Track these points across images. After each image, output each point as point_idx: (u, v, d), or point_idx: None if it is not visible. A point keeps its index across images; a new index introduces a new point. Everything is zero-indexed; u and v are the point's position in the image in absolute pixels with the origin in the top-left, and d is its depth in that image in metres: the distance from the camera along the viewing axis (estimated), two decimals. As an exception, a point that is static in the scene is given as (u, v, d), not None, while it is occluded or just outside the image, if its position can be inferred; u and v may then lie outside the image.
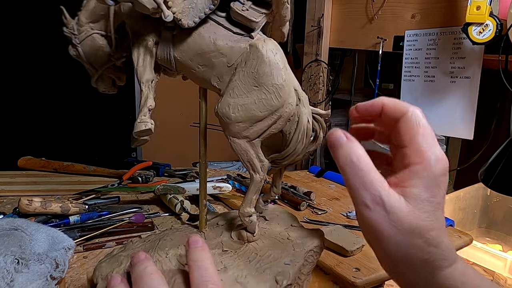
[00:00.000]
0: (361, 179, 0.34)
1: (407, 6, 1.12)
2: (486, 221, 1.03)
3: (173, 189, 0.73)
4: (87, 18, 0.43)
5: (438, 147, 0.34)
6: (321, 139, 0.42)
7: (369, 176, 0.34)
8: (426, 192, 0.33)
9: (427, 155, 0.33)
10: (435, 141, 0.34)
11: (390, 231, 0.33)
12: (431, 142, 0.34)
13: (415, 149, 0.34)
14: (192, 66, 0.38)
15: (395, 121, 0.36)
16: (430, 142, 0.34)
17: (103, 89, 0.47)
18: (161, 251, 0.39)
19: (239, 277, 0.36)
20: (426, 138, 0.34)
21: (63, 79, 1.32)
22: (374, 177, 0.34)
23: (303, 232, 0.45)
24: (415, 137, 0.34)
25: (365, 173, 0.34)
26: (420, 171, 0.33)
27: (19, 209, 0.62)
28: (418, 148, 0.34)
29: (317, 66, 1.38)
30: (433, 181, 0.33)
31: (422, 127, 0.34)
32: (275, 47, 0.37)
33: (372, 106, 0.38)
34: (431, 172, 0.33)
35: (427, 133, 0.34)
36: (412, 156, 0.34)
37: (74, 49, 0.44)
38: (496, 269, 0.72)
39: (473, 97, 1.02)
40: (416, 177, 0.33)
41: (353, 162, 0.34)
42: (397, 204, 0.33)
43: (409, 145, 0.34)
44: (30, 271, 0.41)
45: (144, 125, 0.36)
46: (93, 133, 1.52)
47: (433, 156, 0.33)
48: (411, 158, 0.34)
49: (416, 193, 0.33)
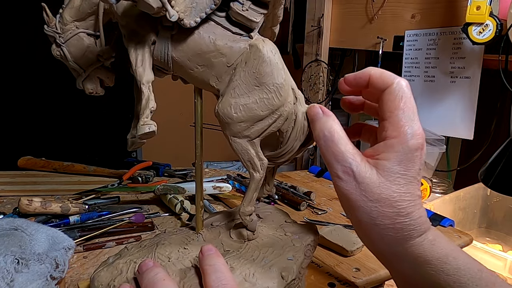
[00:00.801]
0: (333, 152, 0.35)
1: (407, 6, 1.13)
2: (486, 221, 1.03)
3: (173, 189, 0.73)
4: (72, 17, 0.42)
5: (417, 122, 0.34)
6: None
7: (340, 148, 0.35)
8: (399, 166, 0.34)
9: (404, 129, 0.34)
10: (415, 116, 0.34)
11: (361, 201, 0.34)
12: (411, 117, 0.34)
13: (393, 122, 0.34)
14: (190, 66, 0.38)
15: (381, 92, 0.36)
16: (409, 116, 0.34)
17: (90, 91, 0.45)
18: (162, 255, 0.39)
19: (247, 276, 0.36)
20: (406, 112, 0.34)
21: (63, 79, 1.32)
22: (345, 149, 0.35)
23: (298, 227, 0.46)
24: (395, 111, 0.34)
25: (336, 145, 0.35)
26: (395, 145, 0.34)
27: (19, 209, 0.62)
28: (396, 121, 0.34)
29: (317, 66, 1.38)
30: (408, 155, 0.34)
31: (404, 100, 0.34)
32: (273, 47, 0.38)
33: (360, 77, 0.38)
34: (406, 147, 0.33)
35: (408, 107, 0.34)
36: (389, 130, 0.34)
37: (58, 49, 0.42)
38: (496, 269, 0.72)
39: (473, 97, 1.02)
40: (390, 150, 0.34)
41: (326, 135, 0.36)
42: (367, 175, 0.34)
43: (389, 118, 0.35)
44: (30, 271, 0.41)
45: (148, 127, 0.36)
46: (93, 133, 1.52)
47: (409, 131, 0.34)
48: (388, 132, 0.35)
49: (388, 166, 0.34)
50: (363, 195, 0.34)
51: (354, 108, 0.42)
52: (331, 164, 0.36)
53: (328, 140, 0.36)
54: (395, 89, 0.35)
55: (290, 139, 0.40)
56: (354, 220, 0.37)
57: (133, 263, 0.38)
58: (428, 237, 0.35)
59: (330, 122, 0.36)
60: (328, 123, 0.36)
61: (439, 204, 0.89)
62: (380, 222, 0.34)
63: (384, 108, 0.35)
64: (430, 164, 1.04)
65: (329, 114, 0.37)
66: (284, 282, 0.37)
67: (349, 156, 0.35)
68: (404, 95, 0.34)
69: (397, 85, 0.35)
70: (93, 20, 0.43)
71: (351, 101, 0.42)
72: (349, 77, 0.39)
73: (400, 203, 0.34)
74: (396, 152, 0.34)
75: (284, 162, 0.43)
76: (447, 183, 1.08)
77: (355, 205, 0.35)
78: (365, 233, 0.37)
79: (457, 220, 0.89)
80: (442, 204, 0.90)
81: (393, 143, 0.34)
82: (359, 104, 0.42)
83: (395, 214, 0.34)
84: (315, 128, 0.37)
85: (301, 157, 1.46)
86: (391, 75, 0.35)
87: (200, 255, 0.36)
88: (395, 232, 0.34)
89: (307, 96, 1.42)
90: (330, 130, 0.36)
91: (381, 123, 0.36)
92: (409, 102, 0.34)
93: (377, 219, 0.34)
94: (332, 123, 0.36)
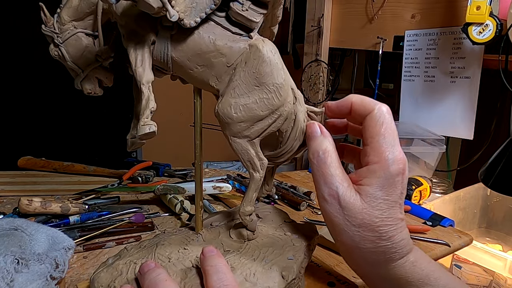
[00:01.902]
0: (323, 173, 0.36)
1: (407, 6, 1.13)
2: (486, 221, 1.03)
3: (173, 189, 0.73)
4: (70, 16, 0.42)
5: (398, 147, 0.35)
6: None
7: (331, 171, 0.36)
8: (381, 191, 0.34)
9: (385, 155, 0.34)
10: (396, 141, 0.35)
11: (344, 224, 0.35)
12: (391, 142, 0.35)
13: (374, 148, 0.35)
14: (190, 66, 0.38)
15: (363, 118, 0.37)
16: (390, 142, 0.35)
17: (88, 91, 0.45)
18: (162, 256, 0.39)
19: (247, 275, 0.36)
20: (387, 137, 0.35)
21: (63, 79, 1.32)
22: (335, 172, 0.36)
23: (297, 227, 0.46)
24: (376, 136, 0.35)
25: (328, 167, 0.36)
26: (377, 170, 0.35)
27: (19, 209, 0.62)
28: (377, 147, 0.35)
29: (317, 66, 1.38)
30: (389, 180, 0.34)
31: (385, 126, 0.35)
32: (273, 47, 0.38)
33: (342, 105, 0.39)
34: (387, 172, 0.34)
35: (389, 133, 0.35)
36: (371, 155, 0.35)
37: (56, 49, 0.42)
38: (496, 269, 0.72)
39: (473, 97, 1.02)
40: (372, 175, 0.35)
41: (319, 156, 0.36)
42: (351, 200, 0.35)
43: (370, 143, 0.35)
44: (30, 271, 0.41)
45: (148, 128, 0.35)
46: (93, 133, 1.52)
47: (390, 156, 0.34)
48: (370, 157, 0.35)
49: (371, 192, 0.34)
50: (346, 219, 0.35)
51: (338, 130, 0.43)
52: (319, 185, 0.37)
53: (321, 161, 0.36)
54: (376, 115, 0.36)
55: (290, 139, 0.40)
56: (338, 242, 0.37)
57: (133, 264, 0.38)
58: (409, 259, 0.36)
59: (326, 143, 0.37)
60: (324, 144, 0.37)
61: (439, 204, 0.89)
62: (362, 246, 0.35)
63: (366, 133, 0.36)
64: (430, 164, 1.04)
65: (326, 134, 0.38)
66: (284, 282, 0.37)
67: (337, 180, 0.36)
68: (384, 121, 0.35)
69: (378, 111, 0.36)
70: (91, 20, 0.43)
71: (334, 124, 0.43)
72: (331, 105, 0.40)
73: (382, 228, 0.34)
74: (378, 177, 0.34)
75: (283, 162, 0.43)
76: (447, 183, 1.08)
77: (338, 228, 0.36)
78: (348, 255, 0.38)
79: (457, 220, 0.89)
80: (442, 204, 0.90)
81: (375, 169, 0.35)
82: (342, 126, 0.43)
83: (377, 238, 0.35)
84: (310, 146, 0.38)
85: (301, 157, 1.46)
86: (371, 101, 0.37)
87: (201, 256, 0.36)
88: (378, 255, 0.35)
89: (307, 96, 1.42)
90: (325, 152, 0.37)
91: (363, 148, 0.37)
92: (389, 128, 0.35)
93: (360, 243, 0.35)
94: (327, 145, 0.37)
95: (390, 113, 0.36)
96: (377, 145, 0.35)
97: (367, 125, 0.36)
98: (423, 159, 1.04)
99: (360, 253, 0.36)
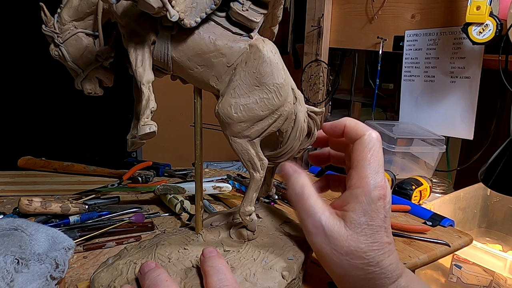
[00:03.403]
0: (304, 206, 0.37)
1: (407, 6, 1.13)
2: (486, 221, 1.03)
3: (173, 189, 0.73)
4: (70, 16, 0.42)
5: (381, 174, 0.36)
6: (315, 136, 0.43)
7: (310, 203, 0.37)
8: (364, 217, 0.35)
9: (368, 180, 0.35)
10: (380, 168, 0.36)
11: (332, 254, 0.35)
12: (376, 169, 0.36)
13: (359, 173, 0.36)
14: (190, 66, 0.38)
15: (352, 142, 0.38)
16: (374, 169, 0.35)
17: (89, 91, 0.45)
18: (162, 256, 0.39)
19: (247, 276, 0.36)
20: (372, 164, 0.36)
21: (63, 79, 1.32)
22: (315, 203, 0.37)
23: (297, 227, 0.46)
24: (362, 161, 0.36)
25: (306, 200, 0.37)
26: (359, 195, 0.35)
27: (19, 209, 0.62)
28: (362, 172, 0.36)
29: (317, 66, 1.38)
30: (371, 205, 0.35)
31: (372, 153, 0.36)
32: (273, 47, 0.38)
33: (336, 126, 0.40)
34: (369, 197, 0.35)
35: (375, 160, 0.36)
36: (354, 179, 0.36)
37: (57, 49, 0.42)
38: (496, 269, 0.72)
39: (473, 97, 1.02)
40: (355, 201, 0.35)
41: (297, 192, 0.38)
42: (336, 228, 0.35)
43: (355, 168, 0.36)
44: (30, 271, 0.41)
45: (148, 128, 0.36)
46: (93, 133, 1.51)
47: (372, 182, 0.35)
48: (353, 180, 0.36)
49: (355, 218, 0.35)
50: (333, 248, 0.35)
51: (321, 161, 0.45)
52: (302, 219, 0.37)
53: (299, 195, 0.37)
54: (365, 140, 0.36)
55: (290, 139, 0.40)
56: (329, 271, 0.38)
57: (133, 264, 0.38)
58: (400, 284, 0.36)
59: (301, 178, 0.38)
60: (300, 180, 0.38)
61: (439, 204, 0.89)
62: (353, 274, 0.35)
63: (353, 157, 0.37)
64: (430, 164, 1.04)
65: (299, 171, 0.39)
66: (284, 282, 0.37)
67: (318, 211, 0.36)
68: (373, 147, 0.36)
69: (368, 137, 0.36)
70: (91, 20, 0.43)
71: (317, 156, 0.45)
72: (326, 125, 0.41)
73: (369, 253, 0.35)
74: (360, 203, 0.35)
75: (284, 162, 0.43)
76: (447, 183, 1.08)
77: (327, 258, 0.36)
78: (340, 284, 0.38)
79: (457, 220, 0.89)
80: (442, 204, 0.90)
81: (357, 194, 0.35)
82: (325, 157, 0.44)
83: (365, 265, 0.35)
84: (288, 185, 0.39)
85: (301, 157, 1.46)
86: (364, 127, 0.37)
87: (201, 257, 0.36)
88: (368, 282, 0.36)
89: (307, 96, 1.42)
90: (302, 186, 0.38)
91: (348, 171, 0.38)
92: (376, 155, 0.36)
93: (350, 271, 0.35)
94: (303, 180, 0.38)
95: (379, 140, 0.37)
96: (362, 170, 0.36)
97: (355, 149, 0.37)
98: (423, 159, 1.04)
99: (351, 281, 0.36)
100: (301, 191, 0.37)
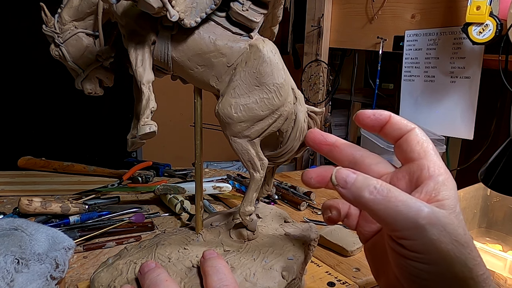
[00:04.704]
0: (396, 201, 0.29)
1: (407, 6, 1.13)
2: (486, 221, 1.03)
3: (173, 189, 0.73)
4: (71, 16, 0.42)
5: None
6: None
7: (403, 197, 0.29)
8: (457, 203, 0.31)
9: (445, 167, 0.33)
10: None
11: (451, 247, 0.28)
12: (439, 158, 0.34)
13: (432, 161, 0.33)
14: (190, 66, 0.38)
15: (401, 134, 0.35)
16: (439, 158, 0.34)
17: (89, 91, 0.45)
18: (162, 256, 0.39)
19: (247, 276, 0.36)
20: (436, 153, 0.34)
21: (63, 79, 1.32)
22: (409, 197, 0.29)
23: (298, 227, 0.46)
24: (429, 151, 0.33)
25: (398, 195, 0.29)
26: (447, 182, 0.31)
27: (19, 209, 0.62)
28: (435, 161, 0.33)
29: (317, 66, 1.38)
30: (456, 191, 0.32)
31: (431, 144, 0.34)
32: (273, 47, 0.38)
33: (380, 114, 0.36)
34: (453, 182, 0.32)
35: (435, 150, 0.34)
36: (431, 167, 0.32)
37: (57, 49, 0.42)
38: (496, 269, 0.72)
39: (473, 97, 1.02)
40: (445, 188, 0.31)
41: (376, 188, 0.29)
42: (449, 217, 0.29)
43: (425, 158, 0.33)
44: (30, 271, 0.41)
45: (148, 128, 0.36)
46: (93, 133, 1.52)
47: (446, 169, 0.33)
48: (431, 169, 0.32)
49: (453, 205, 0.30)
50: (454, 240, 0.28)
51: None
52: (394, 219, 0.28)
53: (383, 192, 0.29)
54: (419, 133, 0.34)
55: (290, 139, 0.40)
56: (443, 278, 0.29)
57: (133, 263, 0.38)
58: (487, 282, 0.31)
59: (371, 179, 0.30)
60: (371, 179, 0.30)
61: (439, 204, 0.88)
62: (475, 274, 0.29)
63: (414, 148, 0.34)
64: (430, 164, 1.04)
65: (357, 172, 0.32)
66: (284, 282, 0.37)
67: (421, 204, 0.28)
68: (427, 139, 0.34)
69: (419, 130, 0.35)
70: (92, 20, 0.43)
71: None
72: (368, 112, 0.36)
73: (471, 243, 0.29)
74: (451, 189, 0.31)
75: (284, 162, 0.43)
76: (447, 183, 1.08)
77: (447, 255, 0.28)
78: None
79: (457, 220, 0.89)
80: (442, 204, 0.89)
81: (444, 181, 0.31)
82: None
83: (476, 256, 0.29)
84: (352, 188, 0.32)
85: (301, 157, 1.46)
86: (407, 121, 0.35)
87: (201, 259, 0.36)
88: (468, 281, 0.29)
89: (307, 96, 1.42)
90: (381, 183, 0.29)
91: (415, 162, 0.33)
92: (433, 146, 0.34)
93: (473, 270, 0.29)
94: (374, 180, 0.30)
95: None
96: (433, 158, 0.33)
97: (412, 140, 0.34)
98: (423, 159, 1.04)
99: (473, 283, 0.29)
100: (380, 188, 0.29)
